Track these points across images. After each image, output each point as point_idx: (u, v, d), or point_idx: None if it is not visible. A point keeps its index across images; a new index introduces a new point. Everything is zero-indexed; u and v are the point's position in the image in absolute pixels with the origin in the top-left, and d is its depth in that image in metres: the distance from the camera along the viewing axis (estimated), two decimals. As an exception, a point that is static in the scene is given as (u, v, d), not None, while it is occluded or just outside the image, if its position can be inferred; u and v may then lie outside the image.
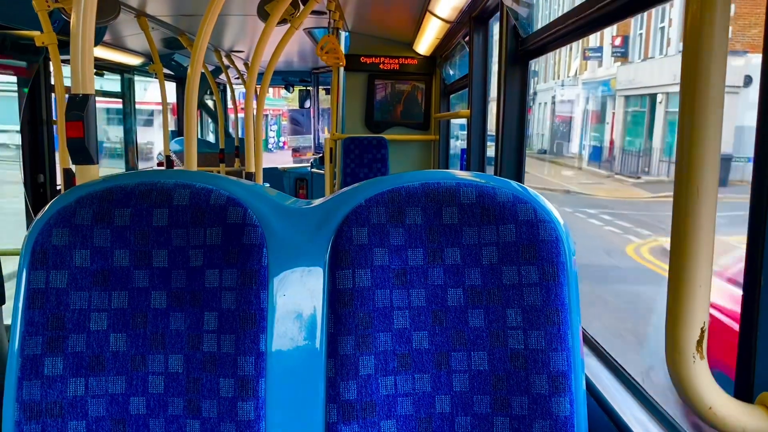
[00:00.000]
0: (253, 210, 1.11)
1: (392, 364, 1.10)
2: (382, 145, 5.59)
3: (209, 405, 1.08)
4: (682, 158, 0.80)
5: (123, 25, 4.70)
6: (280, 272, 1.11)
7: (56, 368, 1.07)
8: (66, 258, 1.09)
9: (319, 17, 4.56)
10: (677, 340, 0.83)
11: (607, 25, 1.86)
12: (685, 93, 0.80)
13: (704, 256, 0.80)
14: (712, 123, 0.78)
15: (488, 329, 1.09)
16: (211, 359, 1.09)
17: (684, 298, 0.82)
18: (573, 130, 27.00)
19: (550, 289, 1.07)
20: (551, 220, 1.09)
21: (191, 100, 2.47)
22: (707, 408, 0.83)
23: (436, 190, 1.11)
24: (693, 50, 0.79)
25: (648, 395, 1.41)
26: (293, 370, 1.10)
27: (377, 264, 1.10)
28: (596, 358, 1.66)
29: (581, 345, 1.10)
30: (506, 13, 2.55)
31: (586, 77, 26.27)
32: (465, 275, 1.10)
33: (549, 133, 30.01)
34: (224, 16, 4.74)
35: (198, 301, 1.10)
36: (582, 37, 2.09)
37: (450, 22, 4.07)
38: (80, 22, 1.38)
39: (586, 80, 26.21)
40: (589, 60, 25.08)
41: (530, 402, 1.07)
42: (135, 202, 1.11)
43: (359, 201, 1.11)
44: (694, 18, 0.78)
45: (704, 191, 0.79)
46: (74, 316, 1.08)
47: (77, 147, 1.39)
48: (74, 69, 1.41)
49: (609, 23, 1.83)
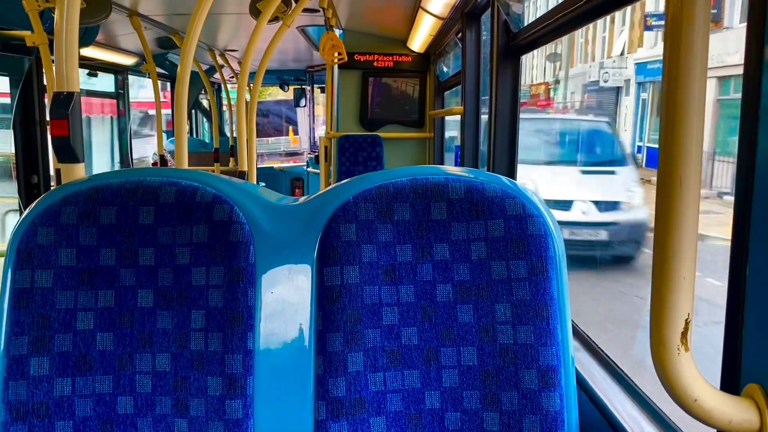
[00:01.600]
0: (239, 207, 1.11)
1: (381, 360, 1.09)
2: (377, 143, 5.59)
3: (197, 404, 1.07)
4: (666, 151, 0.80)
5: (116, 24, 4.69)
6: (268, 269, 1.10)
7: (42, 368, 1.07)
8: (51, 257, 1.08)
9: (312, 15, 4.54)
10: (661, 333, 0.83)
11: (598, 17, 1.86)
12: (668, 86, 0.79)
13: (688, 249, 0.80)
14: (694, 115, 0.78)
15: (477, 324, 1.09)
16: (199, 358, 1.08)
17: (668, 291, 0.81)
18: (621, 125, 19.67)
19: (539, 284, 1.07)
20: (540, 214, 1.08)
21: (181, 99, 2.47)
22: (692, 401, 0.83)
23: (425, 186, 1.11)
24: (675, 42, 0.78)
25: (639, 390, 1.41)
26: (281, 367, 1.09)
27: (365, 260, 1.09)
28: (587, 352, 1.65)
29: (571, 339, 1.10)
30: (497, 8, 2.54)
31: (645, 55, 18.86)
32: (454, 271, 1.10)
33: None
34: (217, 15, 4.73)
35: (185, 299, 1.09)
36: (573, 30, 2.08)
37: (443, 18, 4.06)
38: (64, 19, 1.37)
39: (645, 59, 18.78)
40: (653, 30, 17.44)
41: (520, 397, 1.07)
42: (121, 201, 1.10)
43: (347, 197, 1.11)
44: (676, 11, 0.78)
45: (687, 183, 0.78)
46: (60, 316, 1.08)
47: (62, 145, 1.38)
48: (59, 67, 1.40)
49: (600, 15, 1.82)
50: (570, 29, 2.07)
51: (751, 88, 0.85)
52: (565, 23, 1.97)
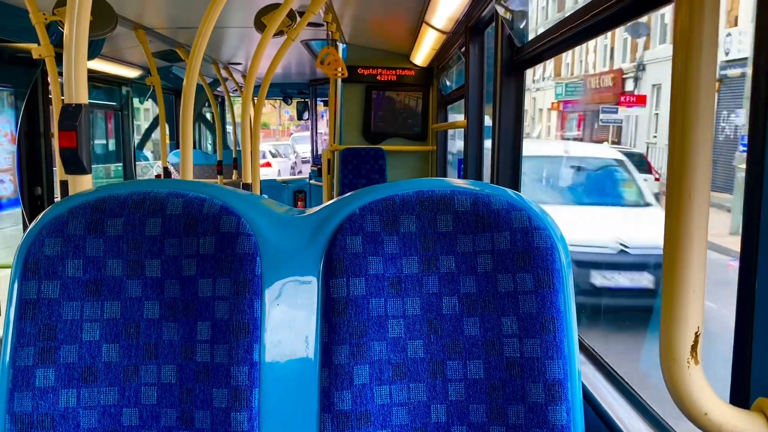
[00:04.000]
0: (246, 219, 1.11)
1: (387, 373, 1.09)
2: (379, 156, 5.60)
3: (202, 416, 1.07)
4: (674, 163, 0.80)
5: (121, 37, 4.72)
6: (274, 281, 1.10)
7: (48, 379, 1.06)
8: (58, 268, 1.08)
9: (316, 29, 4.58)
10: (671, 346, 0.82)
11: (601, 33, 1.87)
12: (676, 98, 0.80)
13: (697, 261, 0.80)
14: (703, 129, 0.78)
15: (483, 338, 1.09)
16: (205, 369, 1.08)
17: (678, 303, 0.81)
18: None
19: (546, 297, 1.07)
20: (546, 227, 1.08)
21: (187, 112, 2.48)
22: (702, 414, 0.82)
23: (431, 198, 1.11)
24: (683, 55, 0.79)
25: (646, 403, 1.40)
26: (287, 380, 1.09)
27: (372, 272, 1.09)
28: (593, 366, 1.65)
29: (577, 353, 1.09)
30: (501, 23, 2.56)
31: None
32: (460, 283, 1.10)
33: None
34: (222, 29, 4.77)
35: (191, 310, 1.09)
36: (577, 45, 2.10)
37: (446, 32, 4.08)
38: (74, 32, 1.38)
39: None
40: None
41: (526, 411, 1.06)
42: (128, 212, 1.10)
43: (353, 209, 1.11)
44: (684, 24, 0.79)
45: (696, 196, 0.79)
46: (66, 327, 1.08)
47: (70, 157, 1.39)
48: (67, 79, 1.41)
49: (603, 31, 1.84)
50: (574, 44, 2.09)
51: (759, 95, 0.85)
52: (569, 38, 1.99)
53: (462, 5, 3.37)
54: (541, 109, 24.74)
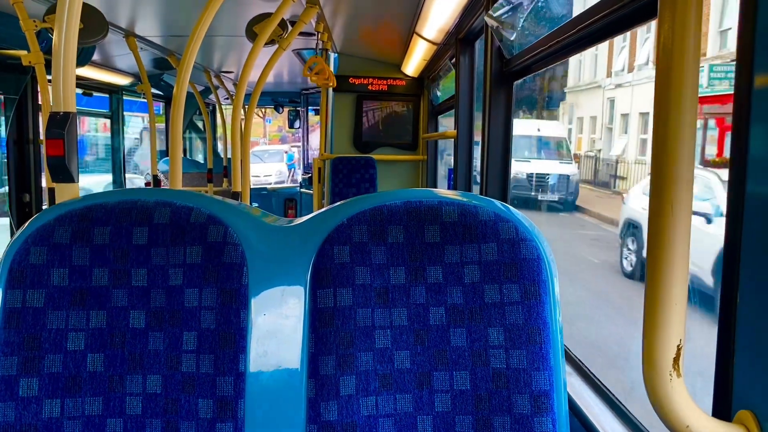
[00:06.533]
0: (233, 228, 1.11)
1: (374, 384, 1.09)
2: (370, 165, 5.61)
3: (187, 426, 1.06)
4: (656, 176, 0.81)
5: (112, 45, 4.71)
6: (261, 291, 1.10)
7: (32, 389, 1.05)
8: (44, 277, 1.07)
9: (308, 39, 4.59)
10: (653, 358, 0.83)
11: (589, 46, 1.89)
12: (659, 112, 0.81)
13: (679, 274, 0.81)
14: (685, 141, 0.79)
15: (470, 348, 1.09)
16: (190, 380, 1.07)
17: (660, 316, 0.82)
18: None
19: (532, 308, 1.07)
20: (533, 238, 1.09)
21: (177, 120, 2.47)
22: (684, 427, 0.83)
23: (419, 209, 1.11)
24: (665, 68, 0.80)
25: (631, 415, 1.41)
26: (273, 390, 1.08)
27: (359, 283, 1.09)
28: (579, 377, 1.65)
29: (563, 364, 1.10)
30: (491, 34, 2.58)
31: None
32: (447, 294, 1.10)
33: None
34: (213, 37, 4.77)
35: (177, 320, 1.09)
36: (566, 57, 2.12)
37: (437, 43, 4.10)
38: (62, 39, 1.38)
39: None
40: None
41: (512, 422, 1.06)
42: (115, 221, 1.10)
43: (341, 219, 1.11)
44: (666, 38, 0.80)
45: (678, 208, 0.79)
46: (51, 336, 1.07)
47: (57, 165, 1.38)
48: (56, 87, 1.40)
49: (592, 44, 1.85)
50: (563, 56, 2.10)
51: (742, 95, 0.86)
52: (558, 50, 2.00)
53: (452, 17, 3.39)
54: (624, 115, 15.67)
